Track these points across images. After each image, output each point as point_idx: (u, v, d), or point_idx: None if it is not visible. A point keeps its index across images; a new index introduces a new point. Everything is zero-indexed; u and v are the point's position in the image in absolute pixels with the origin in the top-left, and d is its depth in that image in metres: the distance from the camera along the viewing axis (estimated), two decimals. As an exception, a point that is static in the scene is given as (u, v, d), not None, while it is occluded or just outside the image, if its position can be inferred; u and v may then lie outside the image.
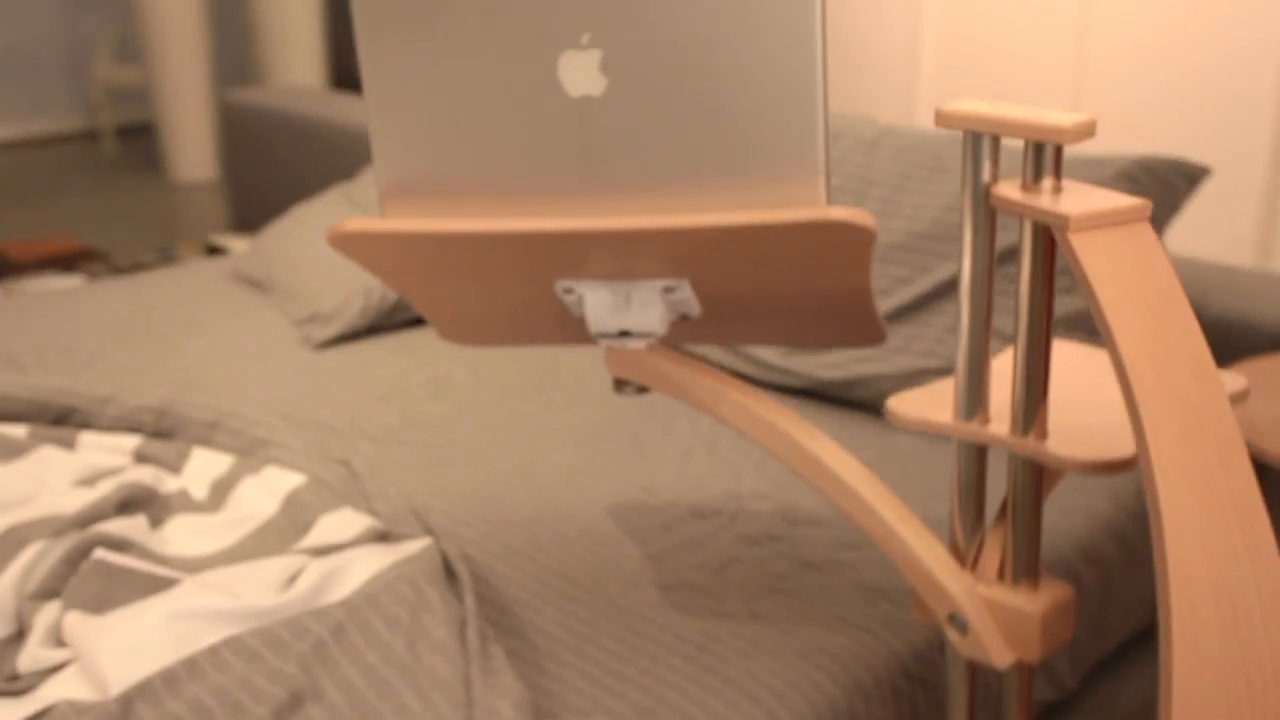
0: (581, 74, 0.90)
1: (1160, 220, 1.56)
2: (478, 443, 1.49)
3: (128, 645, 0.95)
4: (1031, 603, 0.90)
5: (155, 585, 1.04)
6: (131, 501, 1.20)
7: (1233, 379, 0.95)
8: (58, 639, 1.00)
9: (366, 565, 1.06)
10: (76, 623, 0.98)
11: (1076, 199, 0.80)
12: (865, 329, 1.08)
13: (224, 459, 1.33)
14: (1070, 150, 1.90)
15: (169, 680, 0.91)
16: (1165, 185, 1.55)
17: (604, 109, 0.91)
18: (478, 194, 0.96)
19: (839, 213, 0.86)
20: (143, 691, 0.91)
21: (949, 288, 1.53)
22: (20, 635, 1.03)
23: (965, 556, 0.94)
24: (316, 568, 1.06)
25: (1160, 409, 0.73)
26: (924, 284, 1.54)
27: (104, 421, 1.39)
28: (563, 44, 0.90)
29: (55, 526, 1.12)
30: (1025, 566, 0.91)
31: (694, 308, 1.06)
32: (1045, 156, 0.81)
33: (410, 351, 1.78)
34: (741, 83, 0.87)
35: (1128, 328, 0.75)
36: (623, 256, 0.96)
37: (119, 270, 3.15)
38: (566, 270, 1.00)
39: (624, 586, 1.20)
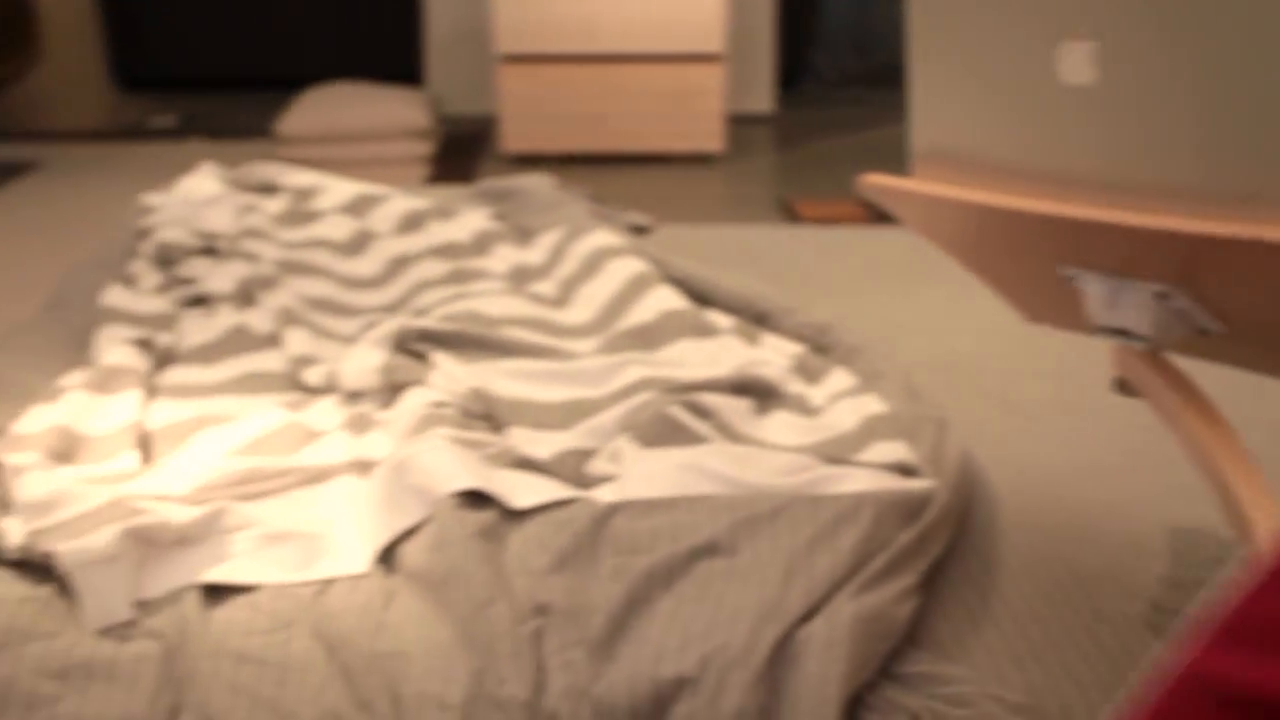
0: (1077, 63, 0.93)
1: None
2: (1096, 430, 1.50)
3: (644, 475, 1.21)
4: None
5: (694, 440, 1.29)
6: (747, 387, 1.46)
7: None
8: (617, 459, 1.30)
9: (854, 484, 1.20)
10: (627, 450, 1.27)
11: None
12: None
13: (850, 380, 1.52)
14: None
15: (648, 507, 1.16)
16: None
17: (1095, 100, 0.93)
18: (985, 168, 1.03)
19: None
20: (628, 507, 1.16)
21: None
22: (604, 452, 1.35)
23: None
24: (818, 471, 1.22)
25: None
26: None
27: (784, 328, 1.66)
28: (1062, 31, 0.94)
29: (672, 386, 1.41)
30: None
31: (1207, 322, 1.01)
32: None
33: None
34: (1233, 104, 0.84)
35: None
36: (1102, 251, 0.97)
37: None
38: (1060, 255, 1.02)
39: (1118, 595, 1.17)
